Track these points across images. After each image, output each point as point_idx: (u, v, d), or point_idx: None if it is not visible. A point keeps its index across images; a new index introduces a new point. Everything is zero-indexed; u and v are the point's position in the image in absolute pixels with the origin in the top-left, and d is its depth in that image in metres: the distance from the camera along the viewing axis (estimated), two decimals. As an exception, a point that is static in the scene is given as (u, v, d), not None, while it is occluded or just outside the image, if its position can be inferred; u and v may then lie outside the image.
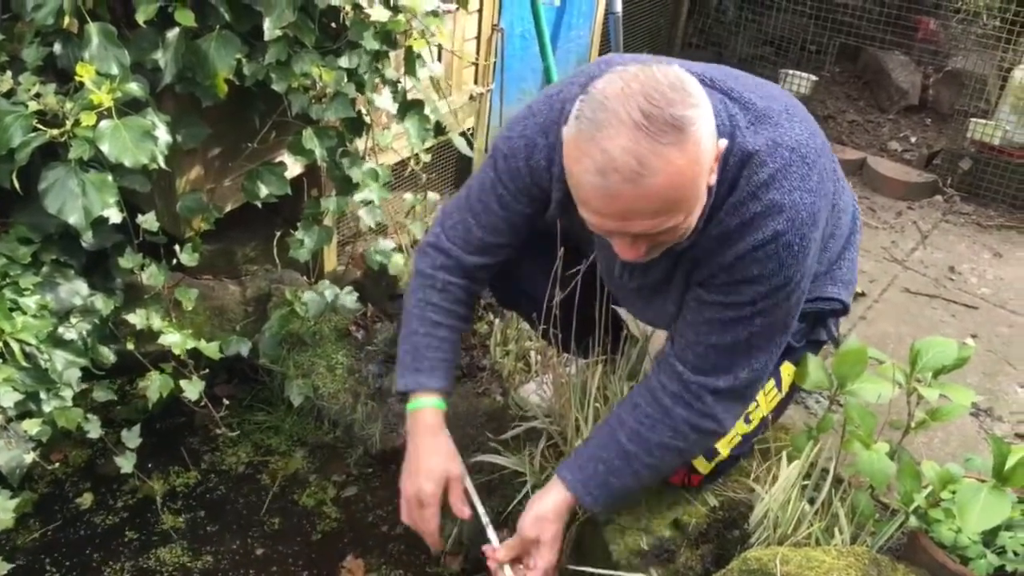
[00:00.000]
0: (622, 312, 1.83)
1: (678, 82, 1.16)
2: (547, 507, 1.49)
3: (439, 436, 1.53)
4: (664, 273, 1.45)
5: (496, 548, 1.52)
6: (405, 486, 1.52)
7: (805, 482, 1.61)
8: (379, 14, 1.93)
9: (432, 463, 1.50)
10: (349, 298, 2.21)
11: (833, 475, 1.61)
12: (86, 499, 1.97)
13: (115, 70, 1.70)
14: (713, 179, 1.26)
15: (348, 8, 1.91)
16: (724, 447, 1.61)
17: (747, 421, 1.63)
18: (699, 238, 1.35)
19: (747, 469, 1.72)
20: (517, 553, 1.50)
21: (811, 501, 1.60)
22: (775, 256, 1.32)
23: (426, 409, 1.54)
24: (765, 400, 1.65)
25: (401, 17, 1.97)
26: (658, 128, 1.12)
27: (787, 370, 1.65)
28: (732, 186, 1.32)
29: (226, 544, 1.91)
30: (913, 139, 4.18)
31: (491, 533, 1.55)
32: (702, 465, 1.63)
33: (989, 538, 1.41)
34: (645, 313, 1.65)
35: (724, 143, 1.24)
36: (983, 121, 3.61)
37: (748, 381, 1.45)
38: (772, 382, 1.65)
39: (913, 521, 1.48)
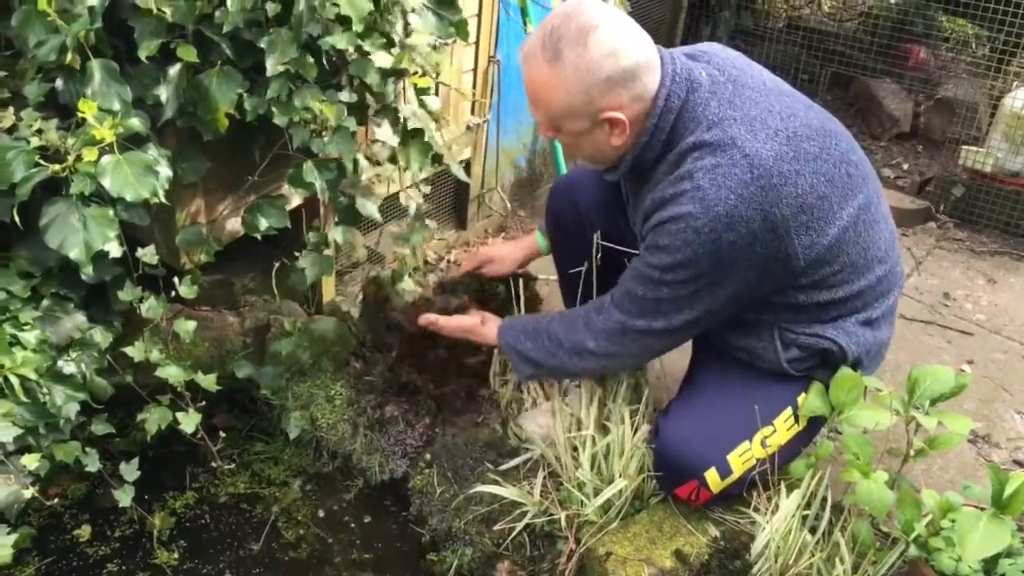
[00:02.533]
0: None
1: (585, 35, 1.44)
2: (486, 323, 1.95)
3: (510, 241, 2.36)
4: (636, 204, 1.70)
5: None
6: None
7: (806, 511, 1.61)
8: (382, 60, 1.95)
9: (493, 247, 2.29)
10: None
11: (832, 504, 1.61)
12: (84, 531, 1.96)
13: (117, 106, 1.72)
14: (602, 137, 1.55)
15: (351, 50, 1.93)
16: (739, 467, 1.62)
17: (764, 445, 1.64)
18: (649, 194, 1.57)
19: (748, 499, 1.72)
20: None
21: (812, 531, 1.60)
22: (682, 234, 1.48)
23: (532, 233, 2.22)
24: (783, 428, 1.66)
25: (405, 62, 1.99)
26: (548, 44, 1.47)
27: (804, 400, 1.68)
28: (679, 162, 1.52)
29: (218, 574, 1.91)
30: (905, 166, 4.21)
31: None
32: (714, 481, 1.63)
33: (990, 566, 1.42)
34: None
35: (617, 116, 1.50)
36: (975, 148, 3.64)
37: (639, 331, 1.65)
38: (789, 410, 1.67)
39: (914, 550, 1.48)
